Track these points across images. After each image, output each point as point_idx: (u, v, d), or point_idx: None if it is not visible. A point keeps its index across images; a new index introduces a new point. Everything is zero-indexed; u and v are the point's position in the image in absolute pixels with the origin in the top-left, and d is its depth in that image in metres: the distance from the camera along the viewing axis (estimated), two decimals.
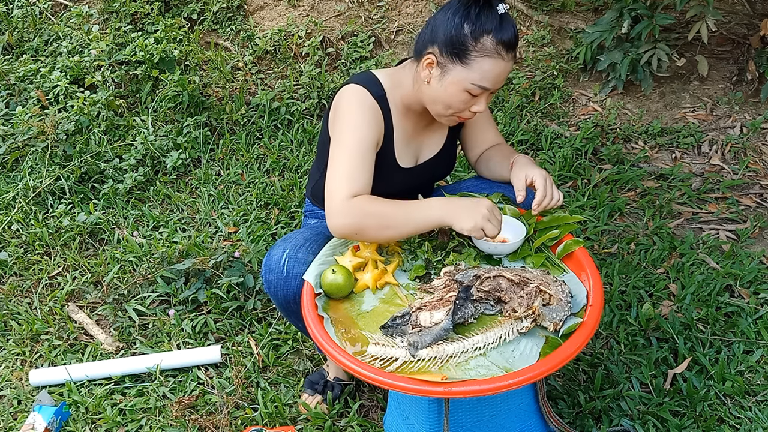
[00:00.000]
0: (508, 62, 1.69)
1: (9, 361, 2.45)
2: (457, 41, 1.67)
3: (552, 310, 1.54)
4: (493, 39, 1.65)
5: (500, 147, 2.02)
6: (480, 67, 1.67)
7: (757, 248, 2.66)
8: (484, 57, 1.67)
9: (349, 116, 1.77)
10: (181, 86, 3.45)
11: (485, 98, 1.74)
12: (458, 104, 1.74)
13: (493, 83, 1.71)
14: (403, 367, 1.48)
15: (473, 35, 1.66)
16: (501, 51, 1.66)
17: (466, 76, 1.69)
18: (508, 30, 1.67)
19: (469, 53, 1.67)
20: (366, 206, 1.67)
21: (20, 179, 3.21)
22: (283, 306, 1.82)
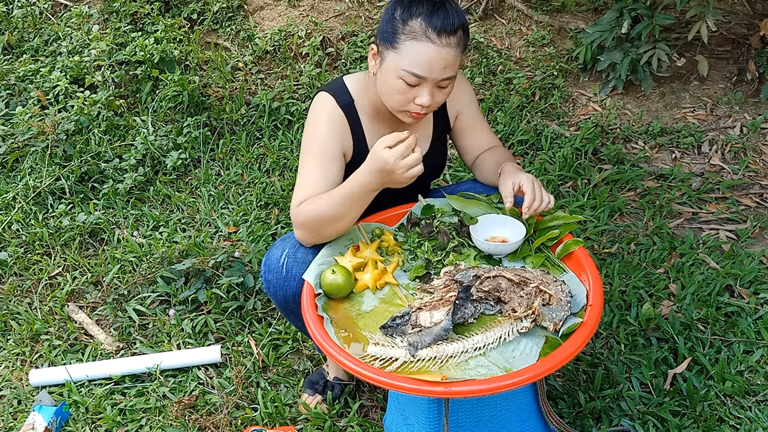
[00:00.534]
0: (441, 48, 1.62)
1: (9, 361, 2.45)
2: (389, 26, 1.67)
3: (552, 310, 1.54)
4: (422, 22, 1.62)
5: (494, 151, 1.98)
6: (408, 50, 1.63)
7: (757, 248, 2.66)
8: (411, 40, 1.63)
9: (310, 127, 1.80)
10: (181, 86, 3.45)
11: (427, 89, 1.67)
12: (398, 95, 1.69)
13: (426, 70, 1.64)
14: (403, 367, 1.48)
15: (402, 18, 1.64)
16: (430, 34, 1.62)
17: (397, 61, 1.65)
18: (441, 15, 1.62)
19: (398, 37, 1.65)
20: (306, 211, 1.70)
21: (20, 179, 3.21)
22: (283, 306, 1.82)
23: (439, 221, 1.83)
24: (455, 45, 1.65)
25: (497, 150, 1.99)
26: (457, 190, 2.00)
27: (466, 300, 1.58)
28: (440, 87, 1.70)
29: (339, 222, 1.71)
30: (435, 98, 1.70)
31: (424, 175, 1.99)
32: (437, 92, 1.70)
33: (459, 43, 1.66)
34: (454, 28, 1.63)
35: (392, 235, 1.85)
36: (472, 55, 3.85)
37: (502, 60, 3.81)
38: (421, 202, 1.89)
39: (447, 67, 1.65)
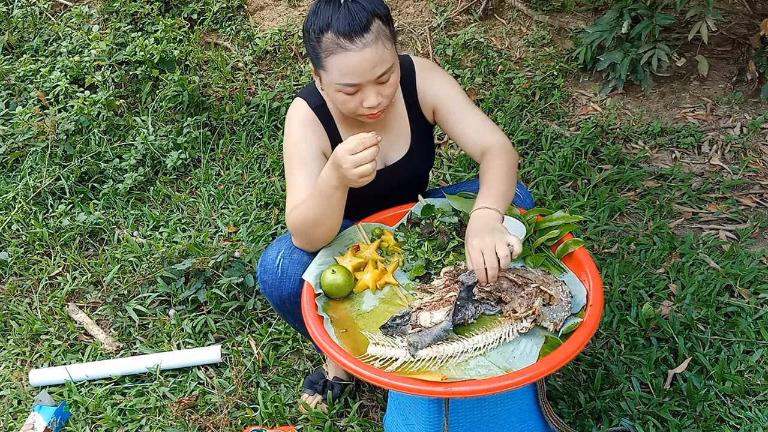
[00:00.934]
0: (359, 51, 1.59)
1: (9, 361, 2.45)
2: (310, 48, 1.67)
3: (552, 311, 1.54)
4: (331, 34, 1.60)
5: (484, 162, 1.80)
6: (332, 66, 1.63)
7: (757, 248, 2.66)
8: (330, 55, 1.62)
9: (287, 134, 1.82)
10: (181, 86, 3.44)
11: (370, 90, 1.65)
12: (346, 105, 1.69)
13: (357, 77, 1.62)
14: (403, 367, 1.48)
15: (316, 38, 1.63)
16: (343, 43, 1.59)
17: (329, 78, 1.66)
18: (344, 18, 1.58)
19: (320, 56, 1.64)
20: (294, 218, 1.71)
21: (20, 179, 3.21)
22: (279, 306, 1.82)
23: (439, 221, 1.83)
24: (373, 41, 1.61)
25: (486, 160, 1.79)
26: (457, 190, 1.99)
27: (467, 300, 1.58)
28: (381, 83, 1.67)
29: (321, 225, 1.70)
30: (383, 93, 1.68)
31: (411, 172, 1.98)
32: (381, 88, 1.68)
33: (378, 37, 1.61)
34: (363, 26, 1.59)
35: (392, 235, 1.86)
36: (472, 55, 3.85)
37: (502, 60, 3.80)
38: (421, 202, 1.89)
39: (376, 65, 1.63)
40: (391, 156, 1.93)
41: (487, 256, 1.55)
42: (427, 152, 1.99)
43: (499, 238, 1.57)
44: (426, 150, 1.98)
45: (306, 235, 1.73)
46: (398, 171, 1.94)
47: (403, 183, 1.96)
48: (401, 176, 1.95)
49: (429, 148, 1.99)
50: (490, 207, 1.66)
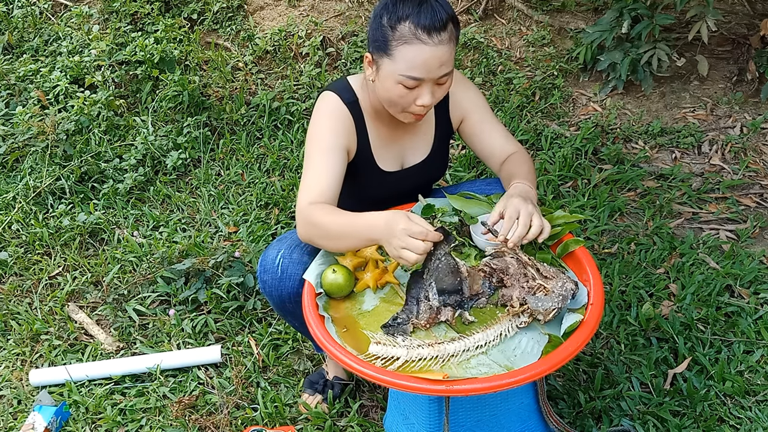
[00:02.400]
0: (434, 46, 1.61)
1: (9, 361, 2.45)
2: (379, 34, 1.66)
3: (539, 300, 1.54)
4: (410, 24, 1.60)
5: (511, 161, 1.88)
6: (403, 56, 1.62)
7: (757, 248, 2.67)
8: (403, 45, 1.62)
9: (315, 124, 1.80)
10: (181, 86, 3.45)
11: (427, 89, 1.67)
12: (399, 99, 1.69)
13: (424, 71, 1.63)
14: (405, 367, 1.48)
15: (390, 24, 1.63)
16: (421, 35, 1.60)
17: (393, 68, 1.65)
18: (427, 12, 1.59)
19: (390, 44, 1.63)
20: (315, 217, 1.66)
21: (20, 179, 3.21)
22: (279, 306, 1.82)
23: (439, 221, 1.83)
24: (447, 40, 1.63)
25: (514, 159, 1.89)
26: (457, 190, 2.00)
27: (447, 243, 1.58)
28: (439, 84, 1.69)
29: (334, 241, 1.67)
30: (436, 95, 1.70)
31: (425, 177, 2.00)
32: (436, 89, 1.70)
33: (451, 38, 1.64)
34: (443, 24, 1.61)
35: None
36: (472, 55, 3.86)
37: (502, 60, 3.81)
38: (421, 202, 1.89)
39: (443, 65, 1.65)
40: (411, 158, 1.94)
41: (523, 217, 1.61)
42: (443, 159, 2.02)
43: (539, 213, 1.65)
44: (443, 157, 2.01)
45: (313, 240, 1.70)
46: (415, 174, 1.95)
47: (415, 186, 1.97)
48: (415, 180, 1.97)
49: (445, 156, 2.02)
50: (529, 185, 1.75)
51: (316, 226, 1.67)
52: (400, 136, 1.90)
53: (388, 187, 1.92)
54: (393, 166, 1.91)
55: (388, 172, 1.91)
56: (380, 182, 1.91)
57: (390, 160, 1.91)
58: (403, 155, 1.93)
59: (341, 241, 1.65)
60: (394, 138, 1.89)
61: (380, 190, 1.92)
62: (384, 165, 1.90)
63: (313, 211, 1.67)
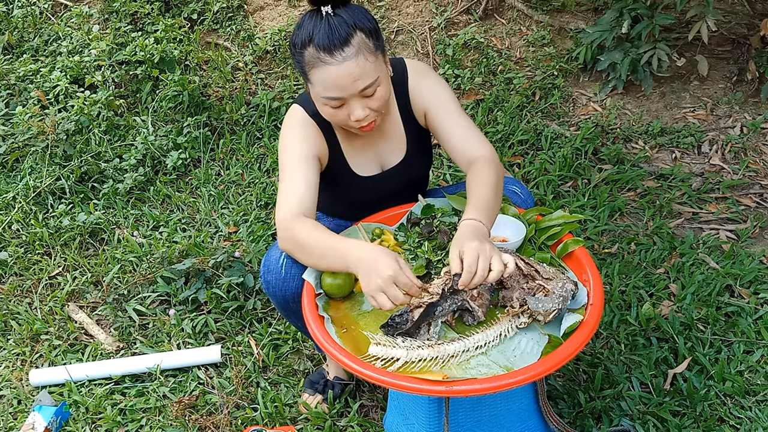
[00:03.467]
0: (339, 65, 1.58)
1: (9, 361, 2.45)
2: (296, 62, 1.67)
3: (539, 301, 1.54)
4: (312, 48, 1.60)
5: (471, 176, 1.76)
6: (316, 79, 1.63)
7: (757, 248, 2.66)
8: (312, 69, 1.62)
9: (285, 135, 1.80)
10: (182, 86, 3.45)
11: (356, 104, 1.64)
12: (335, 118, 1.70)
13: (339, 90, 1.61)
14: (405, 367, 1.48)
15: (300, 52, 1.63)
16: (323, 57, 1.58)
17: (315, 92, 1.66)
18: (324, 32, 1.57)
19: (305, 69, 1.64)
20: (297, 231, 1.65)
21: (20, 179, 3.21)
22: (282, 306, 1.82)
23: (439, 221, 1.83)
24: (354, 55, 1.59)
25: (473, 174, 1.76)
26: (457, 190, 1.99)
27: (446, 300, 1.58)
28: (366, 96, 1.66)
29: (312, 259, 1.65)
30: (370, 106, 1.67)
31: (408, 177, 1.97)
32: (368, 101, 1.66)
33: (360, 50, 1.60)
34: (342, 40, 1.58)
35: (392, 235, 1.85)
36: (472, 55, 3.86)
37: (502, 60, 3.81)
38: (421, 202, 1.89)
39: (358, 79, 1.61)
40: (389, 161, 1.93)
41: (481, 262, 1.51)
42: (424, 156, 1.98)
43: (497, 252, 1.54)
44: (423, 153, 1.98)
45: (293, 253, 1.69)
46: (396, 175, 1.94)
47: (402, 186, 1.96)
48: (399, 180, 1.95)
49: (426, 152, 1.99)
50: (481, 221, 1.62)
51: (298, 242, 1.65)
52: (373, 141, 1.89)
53: (372, 191, 1.92)
54: (371, 170, 1.91)
55: (367, 176, 1.90)
56: (361, 187, 1.91)
57: (366, 165, 1.90)
58: (381, 158, 1.92)
59: (320, 260, 1.63)
60: (366, 144, 1.88)
61: (365, 193, 1.92)
62: (361, 170, 1.89)
63: (295, 225, 1.66)
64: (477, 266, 1.50)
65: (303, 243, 1.64)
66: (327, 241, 1.62)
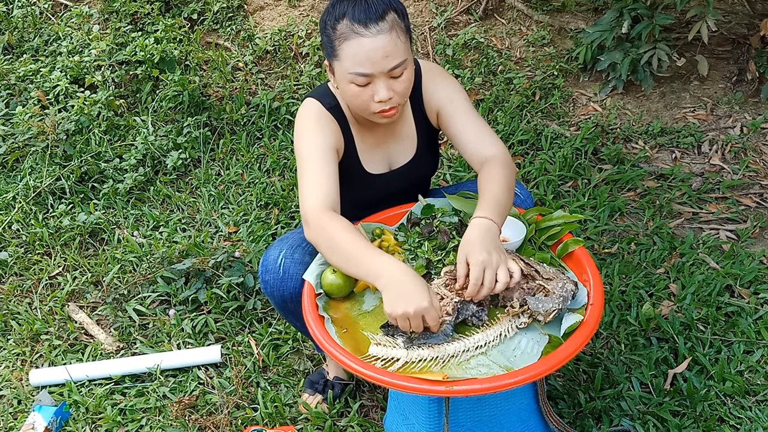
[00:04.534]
0: (373, 37, 1.60)
1: (9, 361, 2.45)
2: (325, 39, 1.67)
3: (539, 301, 1.54)
4: (347, 21, 1.61)
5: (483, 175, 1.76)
6: (346, 53, 1.63)
7: (757, 248, 2.66)
8: (344, 42, 1.62)
9: (302, 129, 1.79)
10: (182, 86, 3.45)
11: (381, 83, 1.64)
12: (358, 99, 1.68)
13: (369, 65, 1.62)
14: (405, 368, 1.48)
15: (332, 26, 1.64)
16: (357, 29, 1.60)
17: (342, 68, 1.65)
18: (361, 6, 1.60)
19: (334, 44, 1.64)
20: (330, 227, 1.61)
21: (20, 179, 3.21)
22: (281, 306, 1.82)
23: (439, 221, 1.83)
24: (388, 30, 1.61)
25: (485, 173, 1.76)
26: (457, 190, 2.00)
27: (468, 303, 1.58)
28: (393, 77, 1.66)
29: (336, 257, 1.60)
30: (395, 89, 1.67)
31: (414, 177, 1.98)
32: (393, 83, 1.67)
33: (393, 27, 1.62)
34: (378, 14, 1.60)
35: (392, 235, 1.85)
36: (472, 55, 3.85)
37: (502, 60, 3.81)
38: (421, 202, 1.89)
39: (389, 55, 1.62)
40: (398, 160, 1.93)
41: (488, 275, 1.52)
42: (432, 157, 2.00)
43: (503, 261, 1.55)
44: (431, 154, 1.99)
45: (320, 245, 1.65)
46: (404, 175, 1.95)
47: (407, 186, 1.97)
48: (405, 180, 1.96)
49: (434, 153, 2.00)
50: (493, 219, 1.62)
51: (328, 237, 1.60)
52: (385, 139, 1.90)
53: (378, 189, 1.92)
54: (380, 168, 1.91)
55: (376, 174, 1.91)
56: (368, 185, 1.91)
57: (377, 163, 1.91)
58: (390, 157, 1.92)
59: (346, 263, 1.58)
60: (378, 142, 1.89)
61: (369, 192, 1.92)
62: (371, 168, 1.90)
63: (328, 220, 1.62)
64: (484, 278, 1.51)
65: (334, 240, 1.59)
66: (359, 247, 1.56)
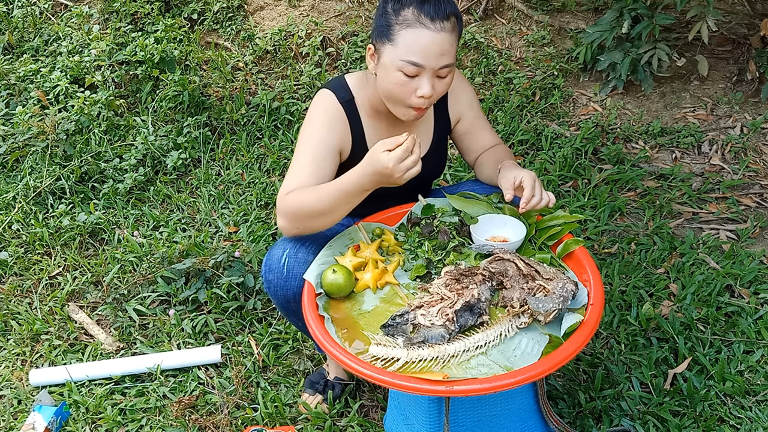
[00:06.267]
0: (436, 32, 1.62)
1: (9, 361, 2.45)
2: (383, 21, 1.67)
3: (540, 301, 1.54)
4: (414, 9, 1.63)
5: (495, 150, 1.98)
6: (404, 40, 1.63)
7: (757, 248, 2.67)
8: (406, 29, 1.63)
9: (309, 121, 1.81)
10: (182, 86, 3.45)
11: (427, 79, 1.67)
12: (399, 89, 1.68)
13: (424, 57, 1.64)
14: (405, 368, 1.48)
15: (394, 10, 1.65)
16: (423, 20, 1.62)
17: (394, 54, 1.65)
18: (433, 2, 1.63)
19: (392, 28, 1.65)
20: (294, 202, 1.68)
21: (20, 179, 3.21)
22: (283, 305, 1.82)
23: (439, 221, 1.83)
24: (450, 30, 1.65)
25: (498, 148, 1.98)
26: (457, 190, 2.00)
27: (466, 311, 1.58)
28: (439, 77, 1.69)
29: (326, 216, 1.68)
30: (436, 89, 1.69)
31: (425, 175, 1.99)
32: (437, 82, 1.69)
33: (453, 29, 1.67)
34: (446, 14, 1.64)
35: (392, 235, 1.86)
36: (472, 55, 3.85)
37: (503, 60, 3.81)
38: (421, 202, 1.89)
39: (444, 54, 1.65)
40: None
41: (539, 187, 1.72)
42: (442, 156, 2.02)
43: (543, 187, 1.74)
44: (442, 153, 2.01)
45: (301, 221, 1.70)
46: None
47: (416, 183, 1.96)
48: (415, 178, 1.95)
49: (443, 153, 2.02)
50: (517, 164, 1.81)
51: (298, 209, 1.68)
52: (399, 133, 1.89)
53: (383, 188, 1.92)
54: None
55: None
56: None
57: None
58: None
59: (336, 212, 1.67)
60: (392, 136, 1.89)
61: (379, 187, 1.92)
62: None
63: (289, 199, 1.69)
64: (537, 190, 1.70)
65: (306, 203, 1.67)
66: (328, 188, 1.66)
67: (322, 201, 1.66)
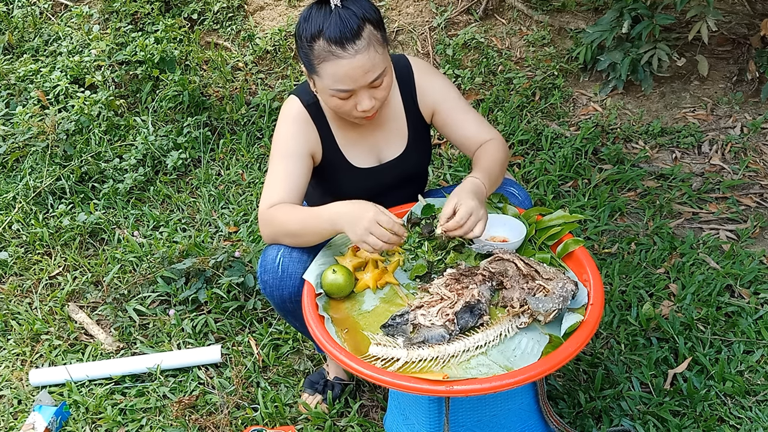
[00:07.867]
0: (351, 57, 1.60)
1: (9, 361, 2.45)
2: (303, 57, 1.68)
3: (540, 301, 1.54)
4: (322, 41, 1.61)
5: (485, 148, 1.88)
6: (326, 72, 1.64)
7: (758, 248, 2.66)
8: (323, 62, 1.62)
9: (278, 130, 1.84)
10: (182, 86, 3.45)
11: (363, 95, 1.67)
12: (341, 107, 1.71)
13: (350, 82, 1.63)
14: (405, 368, 1.48)
15: (308, 45, 1.64)
16: (335, 50, 1.60)
17: (322, 84, 1.67)
18: (336, 24, 1.59)
19: (312, 62, 1.65)
20: (274, 217, 1.73)
21: (20, 179, 3.21)
22: (280, 306, 1.82)
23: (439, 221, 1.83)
24: (365, 47, 1.62)
25: (484, 147, 1.88)
26: None
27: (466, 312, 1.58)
28: (374, 87, 1.69)
29: (296, 238, 1.74)
30: (376, 96, 1.70)
31: (406, 171, 1.99)
32: (375, 91, 1.69)
33: (370, 43, 1.62)
34: (354, 33, 1.60)
35: None
36: (472, 55, 3.85)
37: (503, 60, 3.81)
38: (421, 202, 1.89)
39: (369, 71, 1.64)
40: (387, 154, 1.94)
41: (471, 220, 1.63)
42: (423, 150, 2.00)
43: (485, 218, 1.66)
44: (422, 148, 1.99)
45: (278, 239, 1.77)
46: (394, 168, 1.95)
47: (400, 180, 1.97)
48: (397, 173, 1.96)
49: (425, 146, 2.01)
50: (484, 183, 1.73)
51: (277, 224, 1.73)
52: (371, 132, 1.90)
53: (369, 183, 1.93)
54: (368, 162, 1.92)
55: (364, 168, 1.91)
56: (357, 178, 1.92)
57: (363, 156, 1.91)
58: (378, 150, 1.93)
59: (304, 231, 1.71)
60: (363, 135, 1.90)
61: (361, 186, 1.92)
62: (357, 162, 1.90)
63: (271, 212, 1.74)
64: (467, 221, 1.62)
65: (282, 222, 1.72)
66: (306, 212, 1.71)
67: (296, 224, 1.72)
